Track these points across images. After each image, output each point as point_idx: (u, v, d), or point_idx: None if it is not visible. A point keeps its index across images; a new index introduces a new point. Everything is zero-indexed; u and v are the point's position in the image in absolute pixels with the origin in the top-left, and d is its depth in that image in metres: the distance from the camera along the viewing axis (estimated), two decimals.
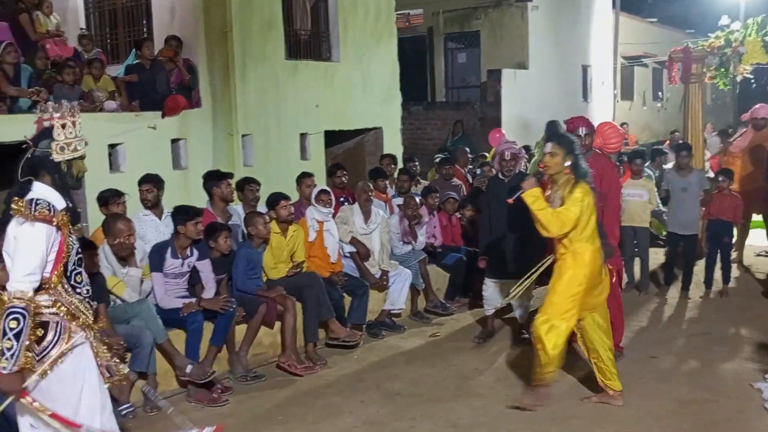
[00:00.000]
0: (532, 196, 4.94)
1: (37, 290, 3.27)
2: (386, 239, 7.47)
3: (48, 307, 3.32)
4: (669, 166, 12.92)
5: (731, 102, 23.55)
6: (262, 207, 6.96)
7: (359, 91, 11.26)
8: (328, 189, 7.29)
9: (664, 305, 8.06)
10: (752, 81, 11.51)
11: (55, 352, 3.32)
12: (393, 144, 11.80)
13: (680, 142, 10.31)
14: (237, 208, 7.23)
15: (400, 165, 10.49)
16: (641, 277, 8.62)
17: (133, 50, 9.09)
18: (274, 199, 6.69)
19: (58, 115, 3.35)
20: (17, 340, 3.12)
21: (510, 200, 5.13)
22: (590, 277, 5.04)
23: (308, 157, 10.36)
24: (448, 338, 7.03)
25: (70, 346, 3.35)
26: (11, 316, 3.13)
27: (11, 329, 3.12)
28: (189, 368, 5.51)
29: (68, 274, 3.41)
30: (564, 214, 4.91)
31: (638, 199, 8.42)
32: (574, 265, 5.01)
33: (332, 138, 11.11)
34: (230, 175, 7.00)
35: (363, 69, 11.37)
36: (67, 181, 3.40)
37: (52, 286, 3.33)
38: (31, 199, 3.25)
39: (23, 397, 3.21)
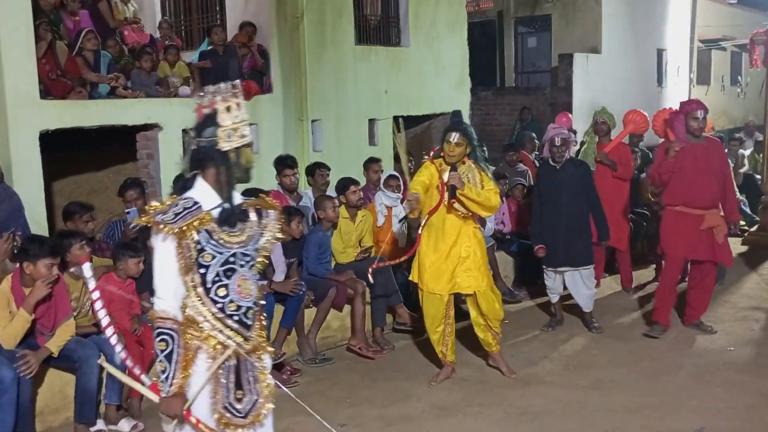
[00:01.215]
0: (469, 188, 5.12)
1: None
2: None
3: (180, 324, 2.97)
4: (747, 152, 12.55)
5: None
6: (331, 191, 7.02)
7: (429, 76, 11.21)
8: (396, 174, 7.30)
9: (742, 295, 7.82)
10: None
11: (202, 374, 2.96)
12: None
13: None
14: (307, 192, 7.31)
15: None
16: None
17: (207, 38, 9.24)
18: (344, 185, 6.73)
19: (219, 97, 2.93)
20: (169, 362, 2.88)
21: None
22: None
23: (377, 143, 10.38)
24: (516, 325, 6.97)
25: (218, 364, 2.97)
26: (159, 338, 2.90)
27: (161, 351, 2.89)
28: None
29: (207, 285, 2.96)
30: (494, 188, 5.26)
31: None
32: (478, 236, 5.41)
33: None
34: (293, 165, 7.03)
35: (433, 54, 11.31)
36: (235, 174, 2.96)
37: (188, 296, 2.97)
38: (178, 200, 2.93)
39: (186, 419, 2.95)
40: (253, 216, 3.09)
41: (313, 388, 5.60)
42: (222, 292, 2.96)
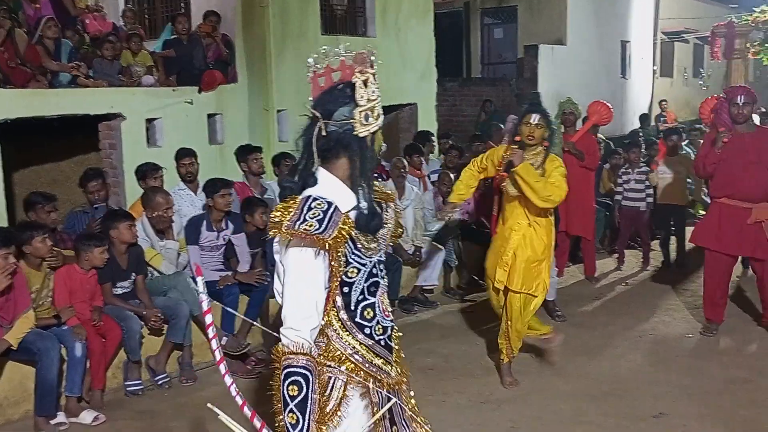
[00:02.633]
0: (525, 168, 4.89)
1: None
2: (420, 215, 7.46)
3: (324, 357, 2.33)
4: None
5: None
6: None
7: (395, 67, 11.20)
8: None
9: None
10: None
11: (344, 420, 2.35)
12: (428, 120, 11.74)
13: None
14: (272, 183, 7.29)
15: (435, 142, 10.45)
16: (677, 257, 8.52)
17: (169, 25, 9.14)
18: None
19: (358, 67, 2.27)
20: (303, 413, 2.20)
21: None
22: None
23: None
24: (481, 314, 7.02)
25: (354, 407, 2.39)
26: (290, 379, 2.20)
27: (291, 398, 2.20)
28: (224, 340, 5.59)
29: (351, 308, 2.35)
30: (559, 183, 4.96)
31: (675, 176, 8.31)
32: (537, 236, 5.09)
33: None
34: (259, 149, 7.06)
35: (399, 45, 11.30)
36: (371, 164, 2.35)
37: (327, 325, 2.35)
38: (306, 201, 2.25)
39: None
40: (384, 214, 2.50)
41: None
42: (369, 314, 2.37)
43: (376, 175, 7.94)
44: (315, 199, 2.23)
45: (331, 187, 2.30)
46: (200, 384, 5.50)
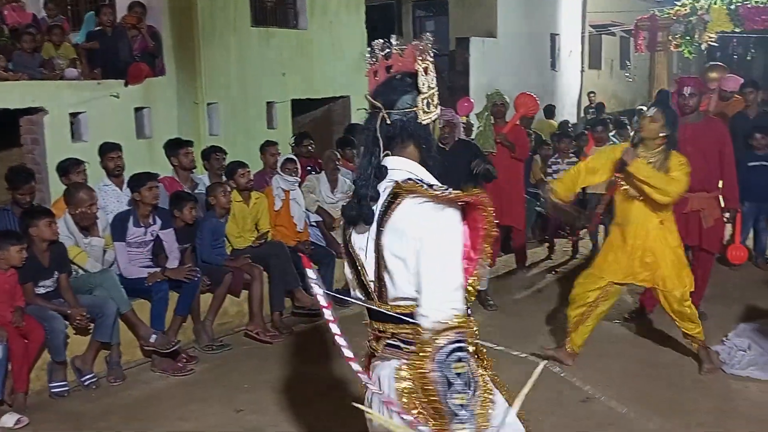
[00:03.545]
0: (638, 165, 4.89)
1: None
2: None
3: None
4: None
5: (697, 71, 23.74)
6: None
7: (327, 59, 11.16)
8: (294, 158, 7.25)
9: None
10: (717, 49, 11.64)
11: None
12: (361, 113, 11.71)
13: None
14: (203, 178, 7.18)
15: None
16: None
17: (91, 13, 8.89)
18: (232, 168, 6.67)
19: (417, 54, 2.25)
20: (472, 391, 2.03)
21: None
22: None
23: (275, 126, 10.28)
24: None
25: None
26: (455, 356, 2.00)
27: (459, 376, 2.00)
28: (153, 338, 5.49)
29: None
30: (678, 177, 4.93)
31: None
32: (669, 231, 5.13)
33: (299, 107, 11.03)
34: (190, 143, 6.94)
35: (331, 36, 11.26)
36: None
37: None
38: (416, 182, 2.18)
39: None
40: None
41: (210, 375, 5.53)
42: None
43: (309, 168, 7.80)
44: (408, 180, 2.17)
45: (412, 167, 2.26)
46: (129, 383, 5.39)
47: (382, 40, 2.32)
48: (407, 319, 2.18)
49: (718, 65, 10.05)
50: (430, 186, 2.14)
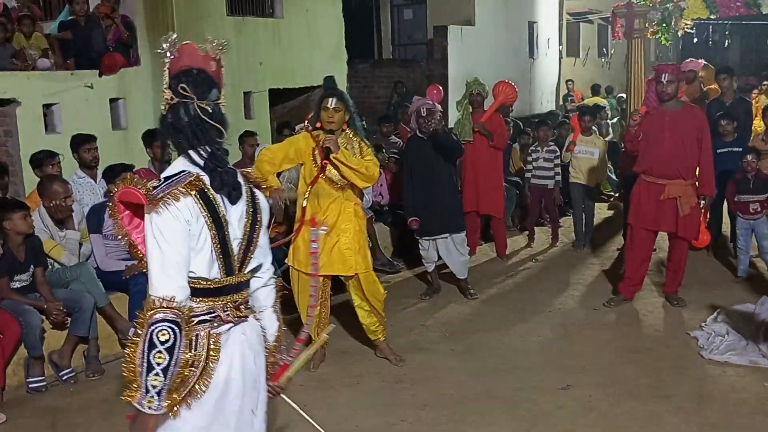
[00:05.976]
0: (344, 153, 4.88)
1: None
2: None
3: None
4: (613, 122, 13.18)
5: (674, 58, 23.85)
6: None
7: (304, 48, 11.08)
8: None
9: (608, 257, 8.22)
10: (694, 36, 11.68)
11: None
12: None
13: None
14: None
15: None
16: (585, 232, 8.72)
17: (66, 6, 8.76)
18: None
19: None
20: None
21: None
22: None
23: (252, 116, 10.20)
24: (395, 295, 7.04)
25: None
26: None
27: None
28: (132, 331, 5.41)
29: None
30: (374, 161, 5.05)
31: (589, 156, 8.46)
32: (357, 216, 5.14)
33: (277, 97, 10.94)
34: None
35: (308, 25, 11.17)
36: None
37: None
38: None
39: None
40: None
41: None
42: None
43: None
44: None
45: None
46: (107, 377, 5.32)
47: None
48: None
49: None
50: None
